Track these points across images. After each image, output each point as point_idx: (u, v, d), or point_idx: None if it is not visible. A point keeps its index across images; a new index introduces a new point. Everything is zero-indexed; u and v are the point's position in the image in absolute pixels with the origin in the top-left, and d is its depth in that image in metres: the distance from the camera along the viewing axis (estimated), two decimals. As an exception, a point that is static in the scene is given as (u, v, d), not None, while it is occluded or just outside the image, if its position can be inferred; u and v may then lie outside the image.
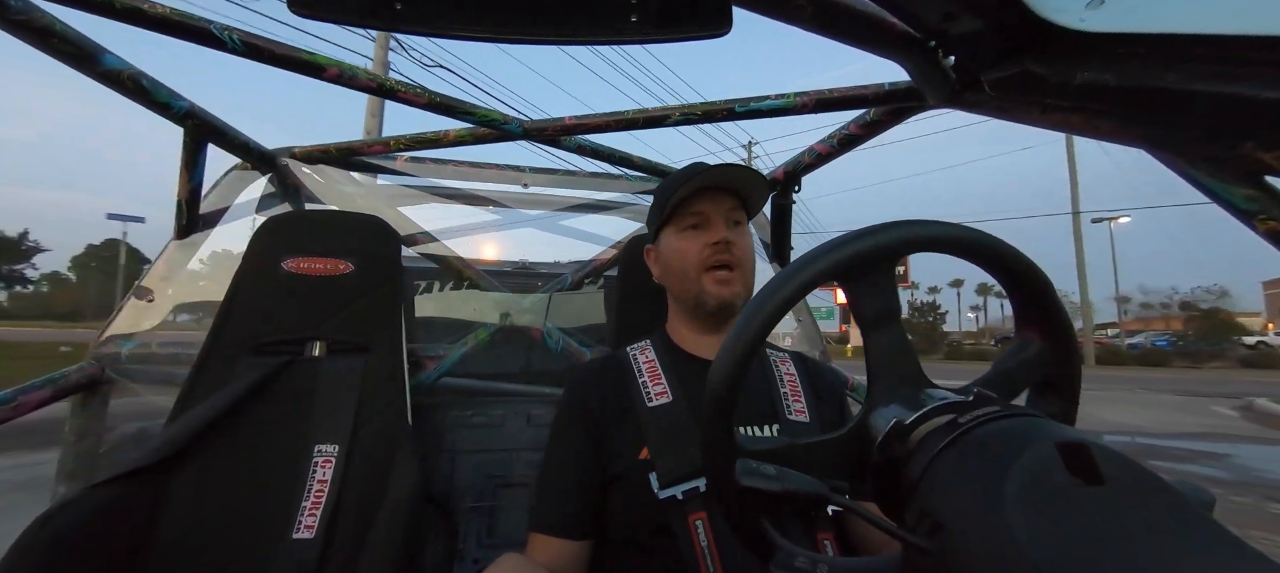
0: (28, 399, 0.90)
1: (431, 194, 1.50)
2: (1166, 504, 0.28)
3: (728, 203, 0.76)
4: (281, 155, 1.26)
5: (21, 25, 0.70)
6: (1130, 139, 0.47)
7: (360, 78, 0.93)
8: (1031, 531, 0.27)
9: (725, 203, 0.76)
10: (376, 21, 0.54)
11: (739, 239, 0.75)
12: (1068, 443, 0.30)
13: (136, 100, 0.91)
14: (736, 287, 0.74)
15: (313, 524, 0.84)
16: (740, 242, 0.75)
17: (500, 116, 1.12)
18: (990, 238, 0.42)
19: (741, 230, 0.77)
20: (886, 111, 0.96)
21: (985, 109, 0.55)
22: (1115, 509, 0.27)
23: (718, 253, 0.73)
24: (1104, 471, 0.28)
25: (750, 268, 0.76)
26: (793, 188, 1.34)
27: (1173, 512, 0.27)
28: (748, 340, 0.40)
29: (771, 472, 0.36)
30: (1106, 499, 0.28)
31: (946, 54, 0.54)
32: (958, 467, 0.32)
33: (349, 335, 1.01)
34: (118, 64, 0.84)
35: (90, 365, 1.04)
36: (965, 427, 0.34)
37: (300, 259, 1.02)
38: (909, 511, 0.34)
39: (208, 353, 0.95)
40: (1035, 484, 0.28)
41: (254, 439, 0.90)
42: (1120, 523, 0.27)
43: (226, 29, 0.77)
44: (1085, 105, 0.45)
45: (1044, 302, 0.43)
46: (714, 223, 0.75)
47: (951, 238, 0.41)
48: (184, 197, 1.10)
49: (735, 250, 0.74)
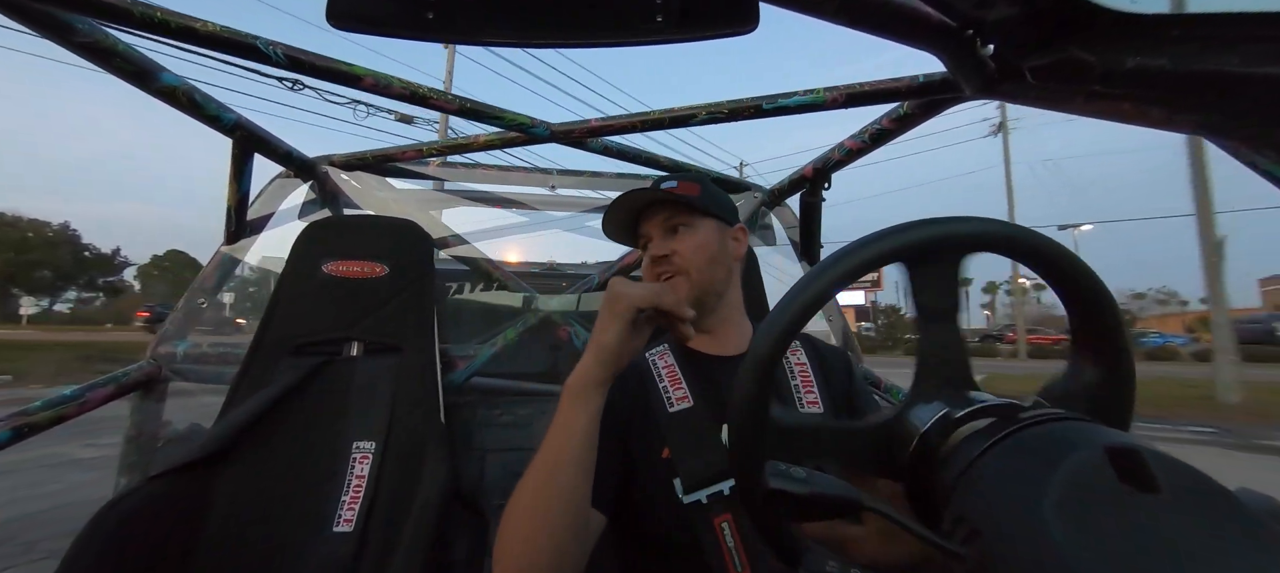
0: (94, 396, 0.96)
1: (462, 198, 1.53)
2: (1227, 514, 0.26)
3: (662, 214, 0.79)
4: (321, 163, 1.32)
5: (88, 47, 0.75)
6: (1185, 126, 0.44)
7: (394, 86, 0.96)
8: (1075, 540, 0.25)
9: (659, 216, 0.79)
10: (409, 32, 0.56)
11: (681, 244, 0.76)
12: (1118, 447, 0.28)
13: (189, 114, 0.96)
14: (680, 290, 0.76)
15: (351, 518, 0.87)
16: (682, 246, 0.76)
17: (528, 120, 1.14)
18: (1062, 249, 0.40)
19: (684, 234, 0.78)
20: (920, 105, 0.93)
21: (1026, 98, 0.53)
22: (1169, 519, 0.25)
23: (657, 266, 0.77)
24: (1158, 477, 0.27)
25: (702, 264, 0.76)
26: (821, 185, 1.31)
27: (1234, 522, 0.25)
28: (802, 305, 0.39)
29: (800, 474, 0.35)
30: (1160, 508, 0.26)
31: (984, 42, 0.53)
32: (998, 471, 0.31)
33: (383, 336, 1.05)
34: (173, 80, 0.89)
35: (148, 365, 1.11)
36: (1008, 430, 0.32)
37: (339, 262, 1.06)
38: (945, 515, 0.33)
39: (252, 353, 1.00)
40: (1081, 491, 0.27)
41: (295, 436, 0.94)
42: (1174, 534, 0.25)
43: (271, 44, 0.81)
44: (1134, 92, 0.43)
45: (1105, 323, 0.40)
46: (653, 239, 0.79)
47: (1028, 245, 0.39)
48: (233, 204, 1.16)
49: (675, 259, 0.76)
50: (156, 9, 0.72)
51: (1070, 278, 0.40)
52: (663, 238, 0.78)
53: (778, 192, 1.43)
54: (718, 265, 0.77)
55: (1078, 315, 0.41)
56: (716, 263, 0.77)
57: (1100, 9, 0.40)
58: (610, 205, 0.80)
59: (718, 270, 0.77)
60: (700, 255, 0.76)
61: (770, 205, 1.48)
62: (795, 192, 1.39)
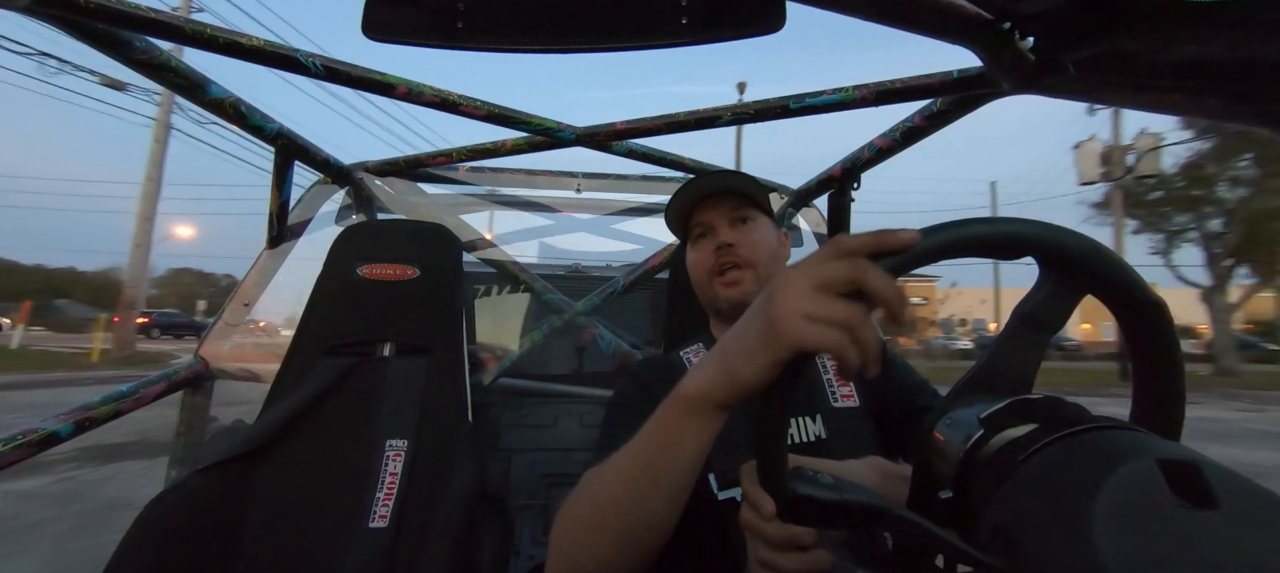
0: (147, 392, 1.02)
1: (490, 201, 1.56)
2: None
3: (729, 205, 0.77)
4: (357, 170, 1.36)
5: (144, 63, 0.80)
6: (1245, 118, 0.41)
7: (426, 94, 0.99)
8: (1124, 556, 0.24)
9: (726, 205, 0.77)
10: (441, 41, 0.57)
11: (746, 237, 0.75)
12: (1173, 460, 0.26)
13: (235, 125, 1.01)
14: (746, 285, 0.74)
15: (385, 515, 0.90)
16: (748, 239, 0.75)
17: (554, 124, 1.15)
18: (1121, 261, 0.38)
19: (750, 227, 0.76)
20: (954, 101, 0.90)
21: (1068, 93, 0.51)
22: (1228, 538, 0.24)
23: (722, 256, 0.74)
24: (1218, 493, 0.25)
25: (765, 261, 0.75)
26: (851, 185, 1.28)
27: None
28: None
29: (829, 481, 0.34)
30: (1218, 525, 0.24)
31: (1023, 35, 0.51)
32: (1041, 479, 0.30)
33: (414, 337, 1.07)
34: (221, 93, 0.94)
35: (196, 363, 1.17)
36: (1054, 436, 0.31)
37: (373, 266, 1.09)
38: (981, 525, 0.32)
39: (291, 353, 1.04)
40: (1131, 504, 0.25)
41: (332, 433, 0.98)
42: (1233, 554, 0.23)
43: (310, 56, 0.85)
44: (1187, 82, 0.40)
45: (1158, 335, 0.38)
46: (717, 228, 0.76)
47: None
48: (274, 209, 1.21)
49: (741, 250, 0.74)
50: (206, 26, 0.76)
51: (1122, 290, 0.37)
52: (729, 228, 0.76)
53: (805, 192, 1.41)
54: (776, 265, 0.77)
55: (1127, 325, 0.39)
56: (775, 262, 0.77)
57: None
58: (677, 191, 0.79)
59: (775, 270, 0.76)
60: (763, 251, 0.75)
61: (797, 206, 1.46)
62: (823, 192, 1.36)
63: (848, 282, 0.34)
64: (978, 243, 0.35)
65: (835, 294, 0.34)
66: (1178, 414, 0.39)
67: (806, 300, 0.34)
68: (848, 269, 0.34)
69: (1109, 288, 0.37)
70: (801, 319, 0.34)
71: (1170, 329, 0.38)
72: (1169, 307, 0.37)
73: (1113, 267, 0.37)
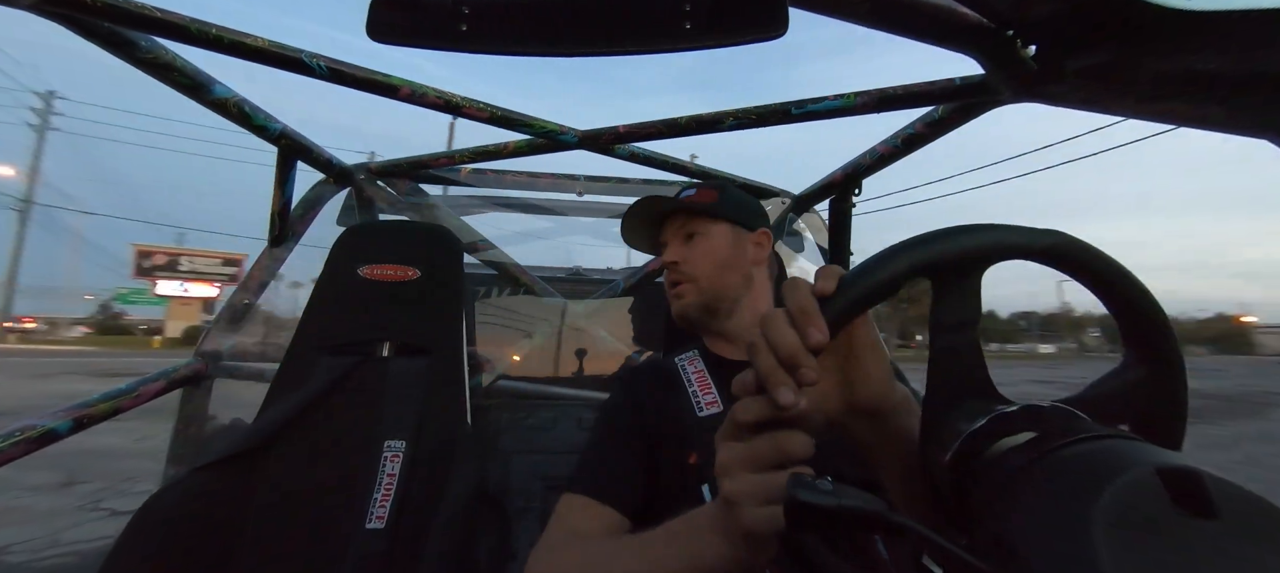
0: (146, 390, 1.02)
1: (492, 204, 1.56)
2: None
3: (678, 222, 0.81)
4: (359, 171, 1.36)
5: (149, 63, 0.80)
6: (1249, 129, 0.41)
7: (429, 96, 0.99)
8: (1123, 566, 0.24)
9: (676, 223, 0.81)
10: (444, 43, 0.57)
11: (691, 253, 0.78)
12: (1172, 469, 0.26)
13: (238, 124, 1.01)
14: (686, 298, 0.78)
15: (383, 516, 0.90)
16: (691, 254, 0.78)
17: (556, 127, 1.15)
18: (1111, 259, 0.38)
19: (696, 242, 0.79)
20: (955, 108, 0.91)
21: (1069, 101, 0.51)
22: (1229, 548, 0.24)
23: (670, 273, 0.79)
24: (1218, 503, 0.25)
25: (707, 271, 0.77)
26: (852, 191, 1.28)
27: None
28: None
29: (827, 487, 0.34)
30: (1218, 536, 0.24)
31: (1025, 43, 0.51)
32: (1039, 488, 0.29)
33: (414, 338, 1.07)
34: (225, 92, 0.94)
35: (195, 362, 1.17)
36: (1051, 446, 0.31)
37: (373, 266, 1.10)
38: (978, 533, 0.31)
39: (291, 352, 1.04)
40: (1130, 514, 0.25)
41: (331, 433, 0.98)
42: (1234, 564, 0.23)
43: (314, 57, 0.85)
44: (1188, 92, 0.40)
45: (1154, 329, 0.38)
46: (670, 245, 0.81)
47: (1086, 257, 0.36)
48: (277, 209, 1.21)
49: (684, 265, 0.78)
50: (211, 26, 0.76)
51: (1112, 284, 0.37)
52: (677, 245, 0.80)
53: (805, 197, 1.41)
54: (729, 271, 0.77)
55: (1126, 322, 0.38)
56: (728, 268, 0.77)
57: (1152, 5, 0.38)
58: (625, 215, 0.83)
59: (729, 276, 0.77)
60: (706, 262, 0.77)
61: (797, 211, 1.46)
62: (824, 197, 1.36)
63: (752, 429, 0.34)
64: (889, 284, 0.35)
65: (758, 454, 0.34)
66: (1179, 424, 0.38)
67: (742, 483, 0.35)
68: (735, 429, 0.35)
69: (1100, 283, 0.37)
70: (746, 502, 0.35)
71: (1170, 335, 0.38)
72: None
73: (1099, 262, 0.36)
